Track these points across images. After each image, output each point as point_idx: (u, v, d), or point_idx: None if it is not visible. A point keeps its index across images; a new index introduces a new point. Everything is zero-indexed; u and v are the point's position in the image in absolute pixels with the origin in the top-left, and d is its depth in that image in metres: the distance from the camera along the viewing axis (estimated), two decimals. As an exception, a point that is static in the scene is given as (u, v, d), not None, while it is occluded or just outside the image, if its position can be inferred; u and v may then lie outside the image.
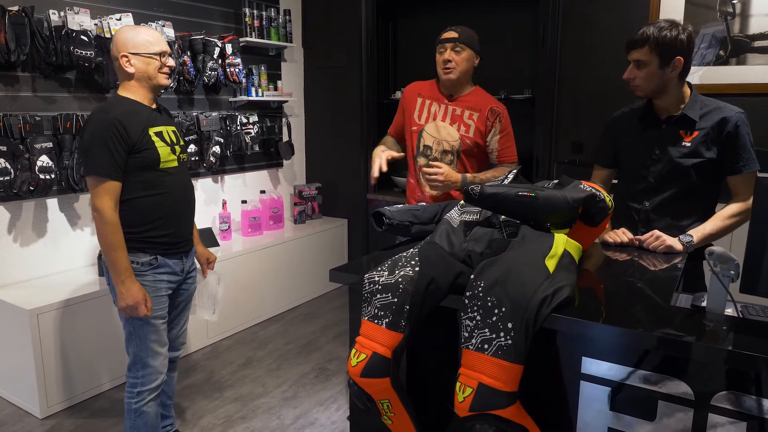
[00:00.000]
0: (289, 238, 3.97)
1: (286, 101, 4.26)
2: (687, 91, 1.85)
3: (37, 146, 2.60)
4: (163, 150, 1.94)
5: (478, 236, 1.52)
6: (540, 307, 1.25)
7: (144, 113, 1.92)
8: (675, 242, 1.77)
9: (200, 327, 3.30)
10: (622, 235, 1.87)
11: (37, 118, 2.66)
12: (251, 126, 3.79)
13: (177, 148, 2.02)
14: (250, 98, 3.81)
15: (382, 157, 2.28)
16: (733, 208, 1.83)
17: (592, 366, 1.31)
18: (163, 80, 1.97)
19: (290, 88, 4.35)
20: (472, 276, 1.34)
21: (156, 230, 1.95)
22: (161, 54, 1.94)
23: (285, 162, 4.41)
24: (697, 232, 1.80)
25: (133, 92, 1.94)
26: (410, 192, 2.51)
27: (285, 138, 4.30)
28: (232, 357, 3.23)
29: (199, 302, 2.32)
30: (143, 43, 1.91)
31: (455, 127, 2.33)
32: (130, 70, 1.91)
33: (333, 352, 3.29)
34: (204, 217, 3.75)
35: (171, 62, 1.98)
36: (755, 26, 2.87)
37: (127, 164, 1.86)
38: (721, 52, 2.95)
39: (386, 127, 4.45)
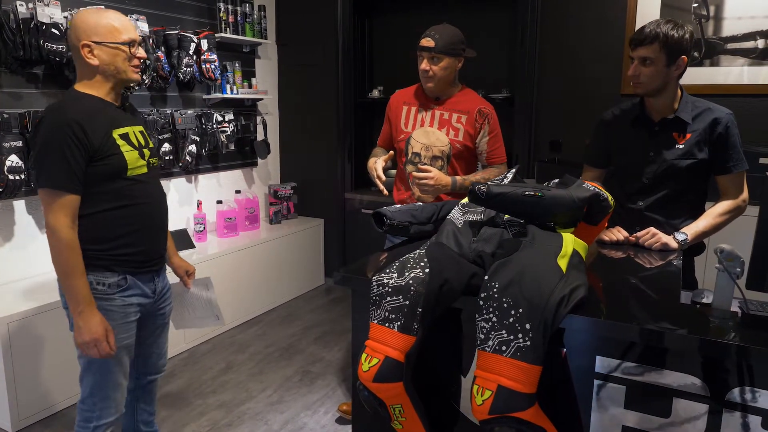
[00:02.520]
0: (265, 238, 3.89)
1: (261, 99, 4.17)
2: (679, 92, 1.88)
3: (6, 145, 2.46)
4: (130, 155, 1.68)
5: (486, 236, 1.50)
6: (558, 307, 1.24)
7: (107, 112, 1.66)
8: (670, 240, 1.80)
9: (176, 332, 3.19)
10: (618, 233, 1.89)
11: (5, 116, 2.51)
12: (227, 124, 3.69)
13: (146, 151, 1.75)
14: (225, 96, 3.72)
15: (377, 168, 2.26)
16: (724, 206, 1.87)
17: (606, 364, 1.32)
18: (133, 74, 1.70)
19: (264, 86, 4.26)
20: (486, 277, 1.32)
21: (126, 247, 1.70)
22: (130, 43, 1.66)
23: (259, 161, 4.32)
24: (691, 230, 1.83)
25: (95, 87, 1.66)
26: (399, 199, 2.44)
27: (260, 136, 4.21)
28: (211, 362, 3.14)
29: (199, 314, 2.15)
30: (109, 30, 1.62)
31: (444, 131, 2.30)
32: (93, 62, 1.62)
33: (315, 354, 3.24)
34: (179, 218, 3.64)
35: (141, 53, 1.70)
36: (728, 29, 2.96)
37: (89, 173, 1.61)
38: (696, 54, 3.04)
39: (362, 125, 4.47)
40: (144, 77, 3.01)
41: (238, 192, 3.98)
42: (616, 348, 1.30)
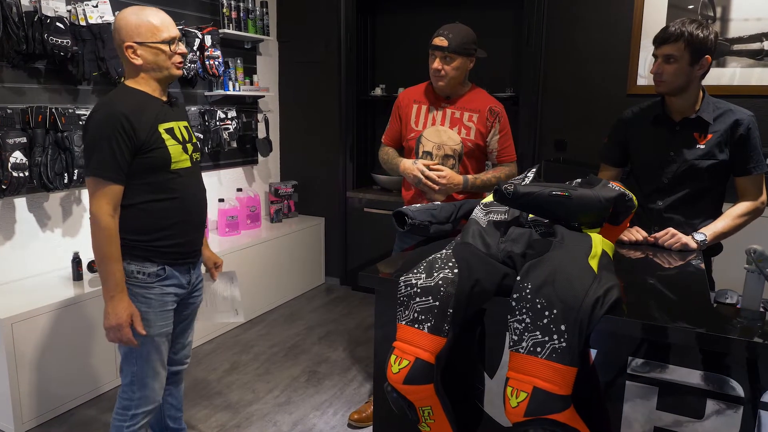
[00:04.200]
0: (266, 237, 3.85)
1: (263, 96, 4.13)
2: (700, 92, 1.88)
3: (10, 141, 2.40)
4: (174, 149, 1.74)
5: (515, 237, 1.49)
6: (593, 309, 1.23)
7: (154, 107, 1.72)
8: (689, 240, 1.80)
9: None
10: (636, 233, 1.89)
11: (9, 111, 2.46)
12: (229, 121, 3.65)
13: (189, 146, 1.81)
14: (227, 92, 3.67)
15: (423, 169, 2.20)
16: (743, 207, 1.88)
17: (638, 365, 1.31)
18: (176, 71, 1.76)
19: (265, 83, 4.22)
20: (518, 277, 1.31)
21: (167, 239, 1.76)
22: (170, 41, 1.72)
23: (260, 159, 4.28)
24: (709, 230, 1.84)
25: (142, 84, 1.73)
26: (409, 199, 2.41)
27: (262, 134, 4.18)
28: (216, 362, 3.10)
29: (218, 308, 2.14)
30: (149, 30, 1.69)
31: (455, 130, 2.29)
32: (137, 61, 1.70)
33: (321, 354, 3.21)
34: (179, 216, 3.59)
35: (182, 49, 1.76)
36: (734, 30, 2.98)
37: (134, 165, 1.67)
38: (702, 55, 3.05)
39: (364, 123, 4.43)
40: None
41: (239, 190, 3.94)
42: (648, 348, 1.30)
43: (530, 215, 1.59)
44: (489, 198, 1.71)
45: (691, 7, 3.06)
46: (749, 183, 1.87)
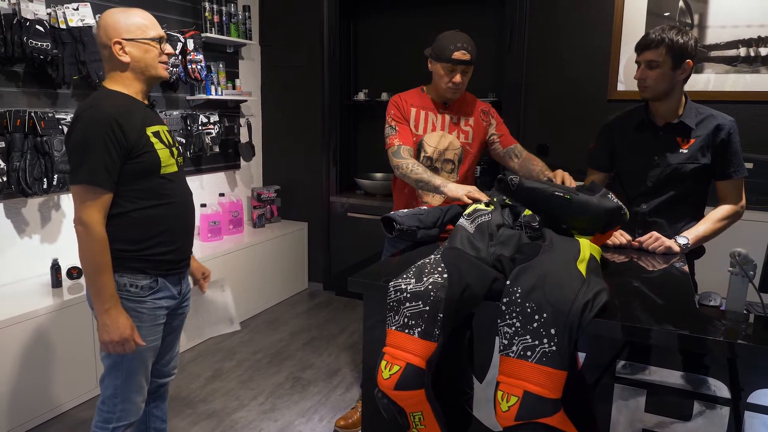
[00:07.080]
0: (249, 243, 3.82)
1: (245, 101, 4.10)
2: (683, 98, 1.92)
3: (-13, 146, 2.35)
4: (163, 153, 1.68)
5: (504, 239, 1.50)
6: (583, 312, 1.24)
7: (140, 110, 1.66)
8: (672, 243, 1.83)
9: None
10: (621, 237, 1.91)
11: (-15, 115, 2.40)
12: (212, 126, 3.62)
13: (174, 150, 1.75)
14: (210, 97, 3.64)
15: (470, 192, 1.94)
16: (723, 211, 1.92)
17: (626, 368, 1.32)
18: (163, 71, 1.71)
19: (248, 87, 4.19)
20: (507, 282, 1.32)
21: (159, 246, 1.69)
22: (159, 40, 1.68)
23: (242, 163, 4.24)
24: (691, 234, 1.87)
25: (126, 85, 1.66)
26: (405, 203, 2.37)
27: (244, 138, 4.14)
28: (198, 369, 3.06)
29: (213, 319, 2.05)
30: (139, 27, 1.64)
31: (454, 134, 2.31)
32: (125, 59, 1.63)
33: (305, 360, 3.19)
34: (161, 221, 3.54)
35: (170, 49, 1.71)
36: (711, 37, 3.04)
37: (125, 171, 1.60)
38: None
39: (347, 128, 4.42)
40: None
41: (222, 195, 3.90)
42: (635, 351, 1.31)
43: (525, 212, 1.61)
44: (471, 209, 1.71)
45: (668, 14, 3.11)
46: (730, 187, 1.91)
